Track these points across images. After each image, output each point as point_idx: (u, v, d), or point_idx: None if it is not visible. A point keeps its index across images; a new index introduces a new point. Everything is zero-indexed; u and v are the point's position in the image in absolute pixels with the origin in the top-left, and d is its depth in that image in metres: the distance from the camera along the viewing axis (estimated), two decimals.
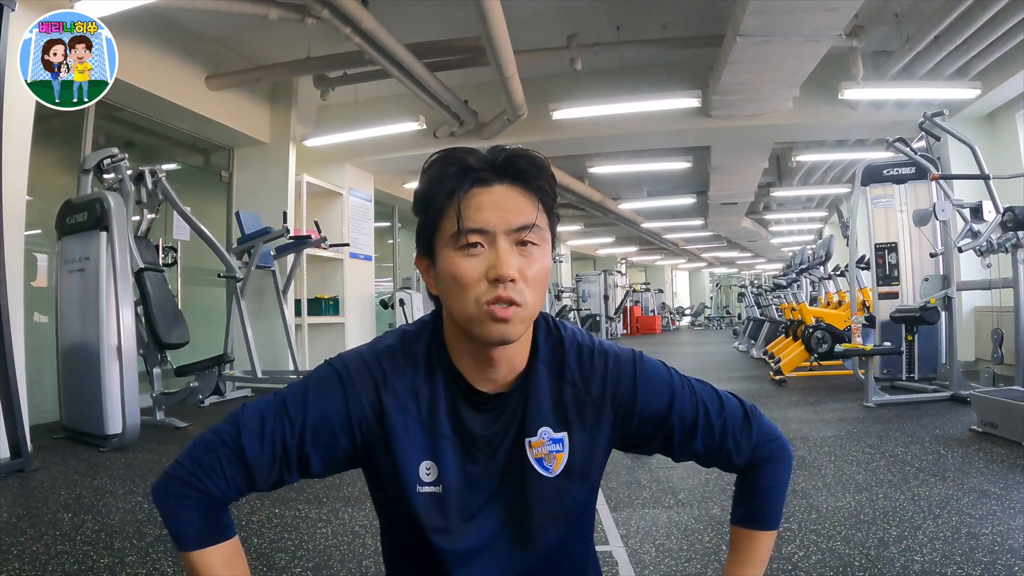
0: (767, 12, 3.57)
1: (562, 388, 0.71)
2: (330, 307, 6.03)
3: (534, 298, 0.63)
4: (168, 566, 1.59)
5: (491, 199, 0.63)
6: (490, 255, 0.62)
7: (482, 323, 0.62)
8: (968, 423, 2.93)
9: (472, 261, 0.62)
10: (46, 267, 3.91)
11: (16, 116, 2.74)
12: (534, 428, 0.70)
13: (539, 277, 0.64)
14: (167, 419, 3.52)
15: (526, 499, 0.70)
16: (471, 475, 0.69)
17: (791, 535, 1.68)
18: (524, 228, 0.63)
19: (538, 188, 0.65)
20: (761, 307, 9.59)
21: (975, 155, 3.38)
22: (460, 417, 0.69)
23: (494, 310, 0.61)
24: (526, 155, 0.65)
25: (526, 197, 0.64)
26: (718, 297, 21.51)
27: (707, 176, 7.79)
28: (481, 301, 0.62)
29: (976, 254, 3.37)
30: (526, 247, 0.63)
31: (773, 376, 5.01)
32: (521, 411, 0.70)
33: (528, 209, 0.64)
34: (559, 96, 5.11)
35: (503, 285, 0.61)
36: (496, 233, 0.62)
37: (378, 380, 0.68)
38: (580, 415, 0.71)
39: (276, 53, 4.98)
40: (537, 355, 0.71)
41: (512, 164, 0.64)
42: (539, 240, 0.64)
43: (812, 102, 5.24)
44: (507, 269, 0.61)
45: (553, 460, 0.70)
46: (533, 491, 0.69)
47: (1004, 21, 3.85)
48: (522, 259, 0.63)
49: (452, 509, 0.69)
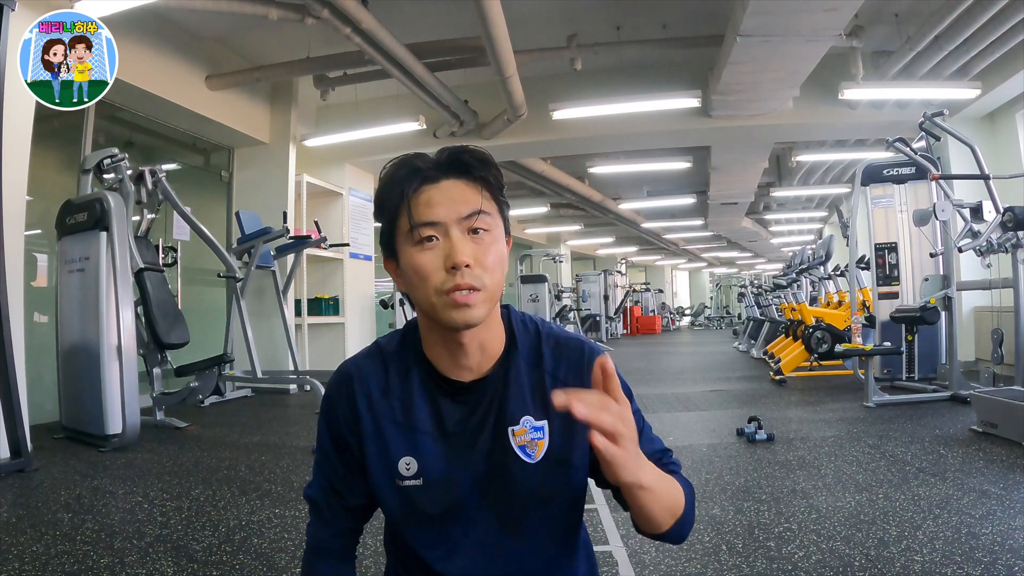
0: (767, 12, 3.57)
1: (541, 377, 0.73)
2: (330, 307, 6.03)
3: (492, 280, 0.66)
4: (168, 566, 1.59)
5: (439, 194, 0.67)
6: (444, 245, 0.65)
7: (445, 309, 0.65)
8: (968, 423, 2.93)
9: (428, 254, 0.66)
10: (46, 267, 3.91)
11: (16, 116, 2.75)
12: (517, 417, 0.72)
13: (495, 261, 0.67)
14: (167, 419, 3.52)
15: (509, 486, 0.72)
16: (452, 466, 0.71)
17: (791, 535, 1.68)
18: (472, 215, 0.66)
19: (482, 178, 0.68)
20: (761, 307, 9.59)
21: (975, 155, 3.38)
22: (439, 410, 0.72)
23: (455, 297, 0.64)
24: (468, 150, 0.69)
25: (471, 187, 0.68)
26: (718, 297, 21.52)
27: (707, 176, 7.79)
28: (441, 290, 0.65)
29: (976, 254, 3.37)
30: (478, 234, 0.66)
31: (773, 376, 5.01)
32: (500, 399, 0.72)
33: (474, 198, 0.67)
34: (559, 96, 5.11)
35: (459, 272, 0.64)
36: (447, 224, 0.65)
37: (353, 386, 0.74)
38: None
39: (276, 53, 4.98)
40: (516, 347, 0.74)
41: (455, 159, 0.68)
42: (489, 226, 0.67)
43: (812, 102, 5.24)
44: (460, 256, 0.64)
45: (535, 447, 0.72)
46: (516, 478, 0.71)
47: (1004, 21, 3.85)
48: (475, 246, 0.66)
49: (434, 500, 0.71)
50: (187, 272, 5.05)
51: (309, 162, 5.93)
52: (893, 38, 4.78)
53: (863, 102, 5.22)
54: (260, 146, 5.57)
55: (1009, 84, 4.58)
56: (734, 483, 2.23)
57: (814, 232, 12.84)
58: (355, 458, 0.74)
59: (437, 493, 0.71)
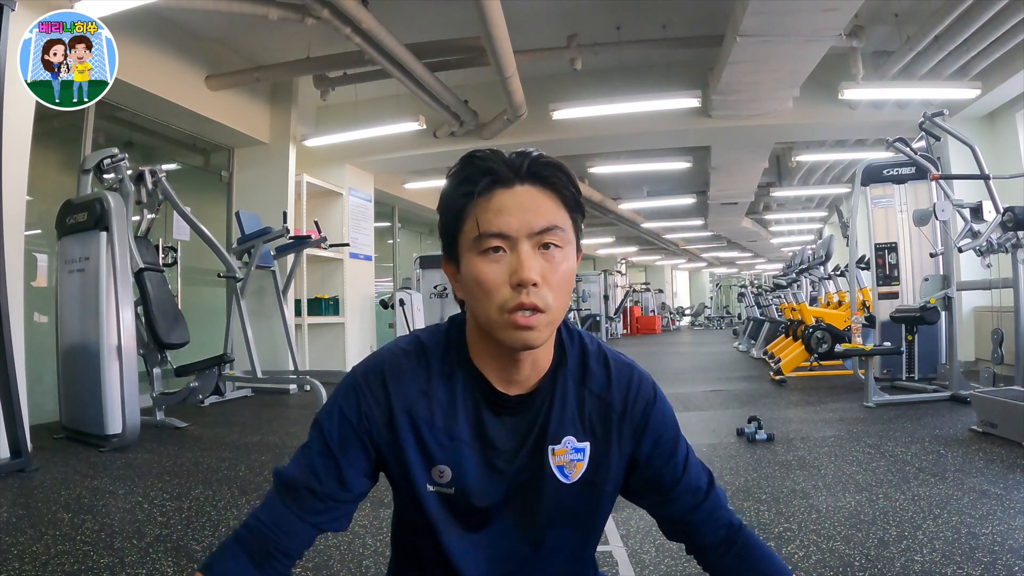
0: (767, 12, 3.57)
1: (586, 398, 0.71)
2: (330, 307, 6.03)
3: (558, 302, 0.63)
4: (168, 566, 1.59)
5: (512, 200, 0.63)
6: (512, 259, 0.62)
7: (505, 329, 0.62)
8: (968, 423, 2.93)
9: (494, 267, 0.62)
10: (46, 267, 3.91)
11: (16, 116, 2.74)
12: (559, 436, 0.70)
13: (563, 280, 0.64)
14: (167, 419, 3.52)
15: (540, 503, 0.70)
16: (487, 479, 0.70)
17: (791, 535, 1.68)
18: (546, 231, 0.62)
19: (560, 187, 0.65)
20: (761, 307, 9.59)
21: (975, 155, 3.38)
22: (481, 421, 0.69)
23: (517, 318, 0.61)
24: (547, 158, 0.65)
25: (548, 197, 0.64)
26: (718, 297, 21.50)
27: (707, 176, 7.79)
28: (504, 308, 0.62)
29: (976, 254, 3.36)
30: (549, 250, 0.63)
31: (773, 376, 5.01)
32: (544, 417, 0.70)
33: (550, 210, 0.63)
34: (559, 96, 5.11)
35: (526, 290, 0.61)
36: (518, 238, 0.62)
37: (389, 384, 0.69)
38: (602, 425, 0.71)
39: (276, 53, 4.98)
40: (565, 364, 0.71)
41: (534, 164, 0.64)
42: (562, 242, 0.64)
43: (812, 102, 5.24)
44: (528, 273, 0.60)
45: (573, 468, 0.70)
46: (549, 496, 0.70)
47: (1004, 21, 3.85)
48: (545, 263, 0.62)
49: (464, 509, 0.70)
50: (187, 272, 5.05)
51: (309, 162, 5.93)
52: (893, 38, 4.78)
53: (863, 102, 5.22)
54: (260, 146, 5.57)
55: (1009, 84, 4.58)
56: (734, 483, 2.23)
57: (814, 232, 12.84)
58: (366, 454, 0.69)
59: (466, 502, 0.70)
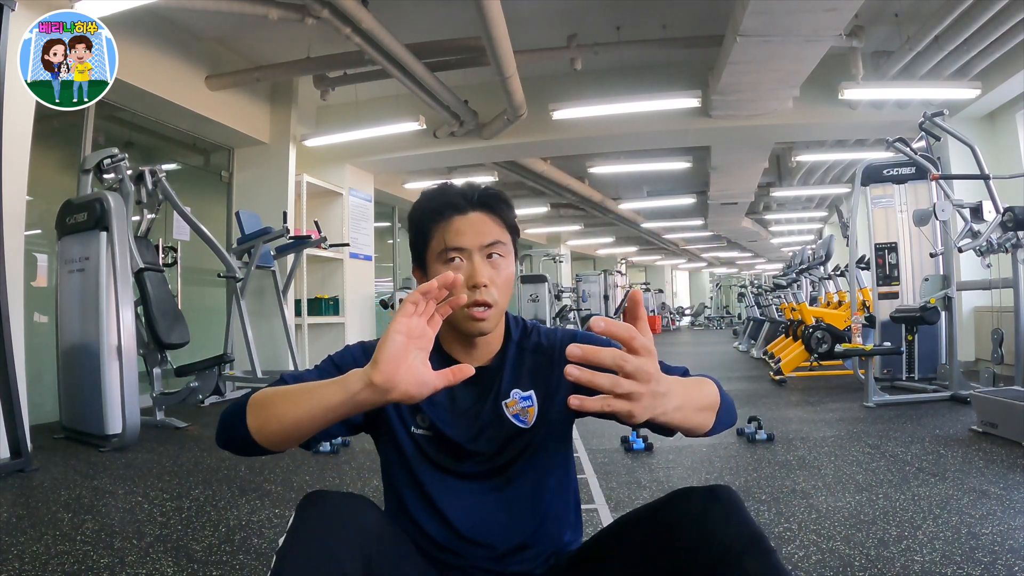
0: (767, 12, 3.57)
1: (526, 356, 0.91)
2: (330, 307, 6.02)
3: (502, 297, 0.84)
4: (168, 566, 1.59)
5: (467, 224, 0.83)
6: (467, 267, 0.82)
7: (465, 321, 0.83)
8: (968, 423, 2.93)
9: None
10: (46, 267, 3.91)
11: (16, 116, 2.74)
12: (508, 392, 0.88)
13: (506, 281, 0.85)
14: (167, 419, 3.52)
15: (504, 447, 0.87)
16: (459, 427, 0.87)
17: (791, 535, 1.68)
18: (492, 244, 0.84)
19: (502, 213, 0.86)
20: (761, 307, 9.58)
21: (975, 155, 3.38)
22: (453, 392, 0.87)
23: (473, 312, 0.81)
24: (492, 192, 0.87)
25: (492, 221, 0.85)
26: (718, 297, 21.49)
27: (707, 176, 7.78)
28: (463, 305, 0.79)
29: (976, 254, 3.36)
30: (493, 258, 0.84)
31: (773, 376, 5.01)
32: (498, 381, 0.89)
33: (494, 230, 0.84)
34: (559, 96, 5.10)
35: (478, 290, 0.81)
36: (471, 250, 0.82)
37: None
38: (541, 374, 0.90)
39: (276, 53, 4.98)
40: (511, 339, 0.91)
41: (483, 196, 0.85)
42: (504, 253, 0.85)
43: (812, 102, 5.24)
44: (480, 277, 0.81)
45: (526, 414, 0.88)
46: (512, 441, 0.87)
47: (1004, 21, 3.85)
48: (491, 269, 0.83)
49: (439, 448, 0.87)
50: (187, 272, 5.05)
51: (309, 162, 5.93)
52: (893, 38, 4.78)
53: (863, 102, 5.22)
54: (260, 146, 5.57)
55: (1009, 84, 4.58)
56: (734, 483, 2.23)
57: (814, 232, 12.84)
58: None
59: (442, 442, 0.87)
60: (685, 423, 0.69)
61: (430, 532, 0.85)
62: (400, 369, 0.64)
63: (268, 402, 0.74)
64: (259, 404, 0.74)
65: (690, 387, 0.72)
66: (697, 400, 0.72)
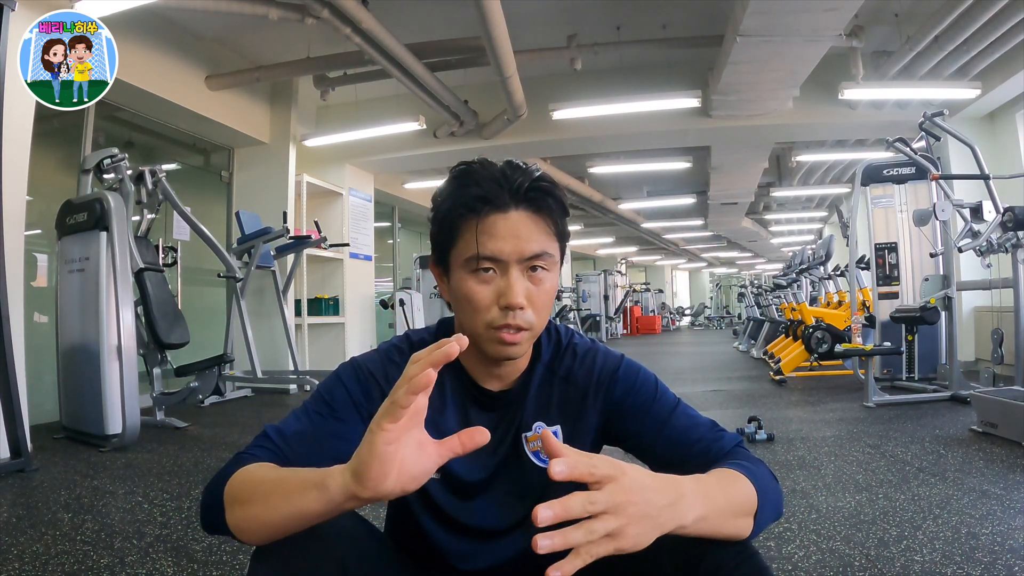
0: (767, 12, 3.57)
1: (555, 385, 0.76)
2: (330, 307, 6.03)
3: (540, 319, 0.68)
4: (168, 566, 1.59)
5: (506, 226, 0.65)
6: (501, 282, 0.66)
7: (491, 344, 0.68)
8: (968, 423, 2.93)
9: (484, 288, 0.66)
10: (46, 267, 3.91)
11: (16, 116, 2.74)
12: (530, 423, 0.75)
13: (547, 299, 0.68)
14: (167, 419, 3.52)
15: (522, 488, 0.74)
16: (472, 467, 0.74)
17: (791, 535, 1.68)
18: (536, 256, 0.66)
19: (552, 215, 0.68)
20: (761, 307, 9.58)
21: (975, 155, 3.38)
22: (468, 417, 0.74)
23: (504, 335, 0.66)
24: (543, 181, 0.67)
25: (539, 223, 0.67)
26: (718, 297, 21.51)
27: (707, 176, 7.79)
28: (492, 325, 0.66)
29: (976, 254, 3.36)
30: (536, 272, 0.67)
31: (773, 376, 5.01)
32: (520, 408, 0.75)
33: (540, 237, 0.67)
34: (559, 96, 5.11)
35: (512, 313, 0.65)
36: (509, 262, 0.65)
37: (387, 375, 0.72)
38: (570, 406, 0.76)
39: (276, 53, 4.98)
40: (539, 358, 0.76)
41: (531, 189, 0.66)
42: (548, 265, 0.68)
43: (812, 102, 5.24)
44: (517, 298, 0.65)
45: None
46: (530, 481, 0.74)
47: (1004, 21, 3.85)
48: (531, 285, 0.67)
49: (447, 492, 0.75)
50: (187, 272, 5.05)
51: (309, 162, 5.93)
52: (893, 38, 4.78)
53: (863, 102, 5.22)
54: (260, 146, 5.57)
55: (1009, 84, 4.58)
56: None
57: (814, 232, 12.84)
58: (359, 425, 0.69)
59: (450, 486, 0.74)
60: (715, 535, 0.59)
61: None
62: (389, 479, 0.51)
63: (245, 498, 0.60)
64: (235, 499, 0.60)
65: (714, 489, 0.60)
66: (724, 506, 0.59)
